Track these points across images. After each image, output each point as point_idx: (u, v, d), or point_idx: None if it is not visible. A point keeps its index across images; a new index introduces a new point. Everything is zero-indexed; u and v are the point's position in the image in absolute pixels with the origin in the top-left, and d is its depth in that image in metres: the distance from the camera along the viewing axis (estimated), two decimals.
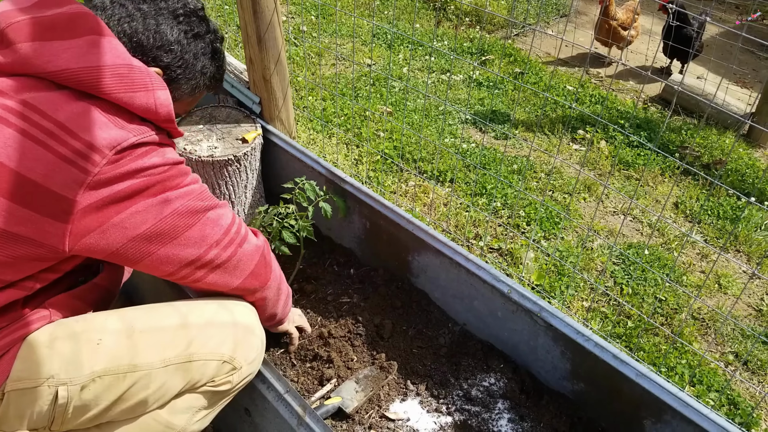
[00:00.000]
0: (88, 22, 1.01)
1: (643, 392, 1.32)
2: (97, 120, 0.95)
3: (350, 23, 4.05)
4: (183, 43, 1.16)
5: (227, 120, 2.01)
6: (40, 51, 0.95)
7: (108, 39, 1.01)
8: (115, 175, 0.96)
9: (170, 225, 1.03)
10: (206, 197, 1.10)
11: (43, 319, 1.04)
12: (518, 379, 1.58)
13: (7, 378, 0.97)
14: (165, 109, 1.05)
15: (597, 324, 2.00)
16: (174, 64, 1.16)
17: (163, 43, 1.13)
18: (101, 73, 0.96)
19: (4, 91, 0.94)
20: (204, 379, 1.13)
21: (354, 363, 1.62)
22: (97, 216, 0.96)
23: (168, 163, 1.03)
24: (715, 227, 2.55)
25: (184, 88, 1.21)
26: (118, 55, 1.01)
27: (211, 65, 1.25)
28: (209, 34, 1.23)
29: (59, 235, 0.95)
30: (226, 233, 1.13)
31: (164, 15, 1.13)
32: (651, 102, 3.65)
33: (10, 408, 0.98)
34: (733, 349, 2.00)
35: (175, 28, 1.14)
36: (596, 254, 2.32)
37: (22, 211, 0.92)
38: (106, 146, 0.94)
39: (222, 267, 1.14)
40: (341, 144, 2.79)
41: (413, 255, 1.76)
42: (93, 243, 0.99)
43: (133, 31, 1.10)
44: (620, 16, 3.85)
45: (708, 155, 3.05)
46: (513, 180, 2.66)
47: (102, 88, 0.97)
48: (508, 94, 3.46)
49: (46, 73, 0.95)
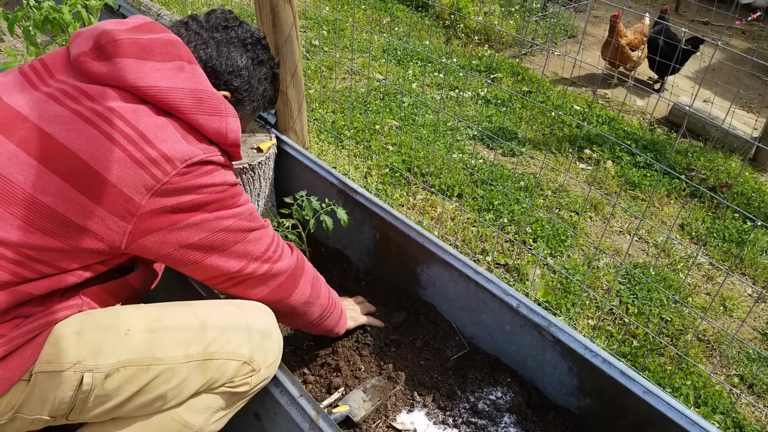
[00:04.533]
0: (179, 50, 1.13)
1: (650, 409, 1.33)
2: (173, 134, 1.05)
3: (362, 39, 4.11)
4: (250, 68, 1.29)
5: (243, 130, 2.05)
6: (134, 68, 1.06)
7: (193, 66, 1.13)
8: (181, 187, 1.04)
9: (220, 240, 1.13)
10: (254, 218, 1.19)
11: (75, 307, 1.08)
12: (525, 393, 1.59)
13: (36, 359, 1.01)
14: (234, 134, 1.14)
15: (602, 342, 2.01)
16: (242, 87, 1.29)
17: (234, 68, 1.26)
18: (183, 95, 1.07)
19: (94, 96, 1.03)
20: (223, 379, 1.15)
21: (362, 372, 1.63)
22: (156, 221, 1.04)
23: (227, 184, 1.12)
24: (721, 249, 2.56)
25: (247, 109, 1.35)
26: (200, 81, 1.12)
27: (270, 89, 1.39)
28: (270, 60, 1.36)
29: (119, 233, 1.03)
30: (266, 251, 1.22)
31: (235, 44, 1.27)
32: (657, 123, 3.69)
33: (36, 390, 1.01)
34: (739, 371, 2.01)
35: (244, 55, 1.28)
36: (602, 273, 2.33)
37: (92, 206, 1.00)
38: (179, 159, 1.03)
39: (254, 279, 1.22)
40: (351, 156, 2.82)
41: (422, 267, 1.78)
42: (147, 245, 1.06)
43: (208, 57, 1.23)
44: (629, 36, 3.89)
45: (714, 178, 3.07)
46: (521, 196, 2.68)
47: (181, 108, 1.07)
48: (516, 112, 3.50)
49: (135, 88, 1.05)
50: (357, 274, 1.99)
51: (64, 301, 1.07)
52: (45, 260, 1.00)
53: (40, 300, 1.04)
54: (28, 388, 1.01)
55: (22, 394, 1.01)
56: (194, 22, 1.26)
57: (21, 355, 1.00)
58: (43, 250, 0.99)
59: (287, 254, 1.30)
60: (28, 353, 1.00)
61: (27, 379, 1.01)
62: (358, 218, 1.91)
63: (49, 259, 1.00)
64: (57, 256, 1.01)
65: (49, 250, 0.99)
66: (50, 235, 0.98)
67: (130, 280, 1.20)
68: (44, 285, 1.02)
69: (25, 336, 1.00)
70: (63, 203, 0.98)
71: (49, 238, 0.98)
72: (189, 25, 1.25)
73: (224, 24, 1.27)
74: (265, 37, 1.35)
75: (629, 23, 4.32)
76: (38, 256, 0.99)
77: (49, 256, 1.00)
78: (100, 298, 1.13)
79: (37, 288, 1.01)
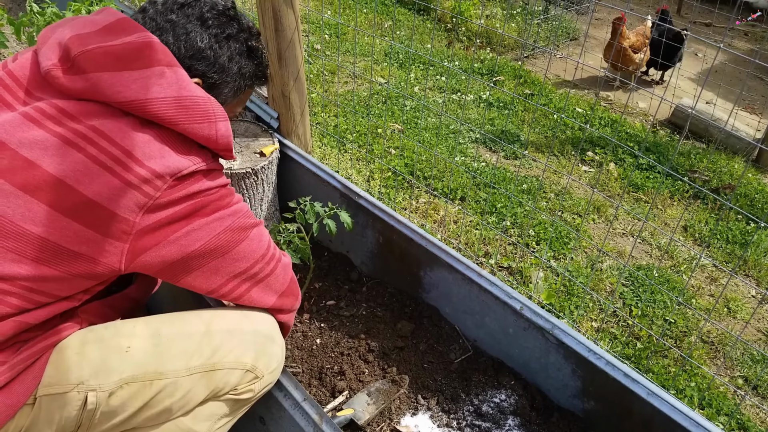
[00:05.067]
0: (157, 53, 1.04)
1: (654, 411, 1.33)
2: (161, 148, 1.00)
3: (364, 42, 4.12)
4: (215, 47, 1.15)
5: (245, 134, 2.06)
6: (111, 81, 0.99)
7: (174, 70, 1.05)
8: (173, 199, 1.01)
9: (223, 241, 1.09)
10: (250, 215, 1.15)
11: (75, 325, 1.07)
12: (528, 396, 1.59)
13: (39, 383, 1.00)
14: (225, 140, 1.09)
15: (606, 345, 2.01)
16: (209, 71, 1.16)
17: (195, 51, 1.13)
18: (167, 105, 1.01)
19: (74, 115, 0.98)
20: (227, 387, 1.15)
21: (366, 376, 1.63)
22: (154, 236, 1.01)
23: (219, 185, 1.08)
24: (725, 251, 2.56)
25: (226, 92, 1.21)
26: (184, 86, 1.04)
27: (249, 64, 1.23)
28: (243, 32, 1.20)
29: (117, 254, 1.00)
30: (268, 249, 1.18)
31: (192, 22, 1.13)
32: (660, 125, 3.69)
33: (41, 413, 1.00)
34: (743, 373, 2.00)
35: (205, 33, 1.14)
36: (605, 275, 2.33)
37: (85, 231, 0.96)
38: (168, 173, 0.99)
39: (264, 281, 1.19)
40: (354, 160, 2.83)
41: (425, 270, 1.79)
42: (149, 261, 1.03)
43: (165, 44, 1.10)
44: (631, 38, 3.90)
45: (717, 180, 3.07)
46: (523, 199, 2.68)
47: (167, 119, 1.01)
48: (518, 115, 3.50)
49: (116, 102, 0.99)
50: (360, 278, 1.99)
51: (63, 322, 1.05)
52: (42, 290, 0.97)
53: (39, 324, 1.02)
54: (33, 411, 1.00)
55: (27, 417, 1.00)
56: (151, 5, 1.15)
57: (23, 381, 0.98)
58: (41, 280, 0.96)
59: (282, 254, 1.27)
60: (30, 377, 0.99)
61: (32, 402, 1.00)
62: (361, 222, 1.92)
63: (47, 289, 0.98)
64: (55, 285, 0.98)
65: (46, 279, 0.97)
66: (47, 265, 0.96)
67: (129, 293, 1.19)
68: (43, 314, 1.00)
69: (26, 361, 0.99)
70: (56, 232, 0.95)
71: (46, 268, 0.96)
72: (146, 10, 1.15)
73: (181, 2, 1.15)
74: (233, 6, 1.21)
75: (631, 25, 4.33)
76: (35, 286, 0.96)
77: (47, 286, 0.97)
78: (100, 313, 1.12)
79: (35, 317, 0.99)
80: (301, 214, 1.75)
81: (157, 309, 1.75)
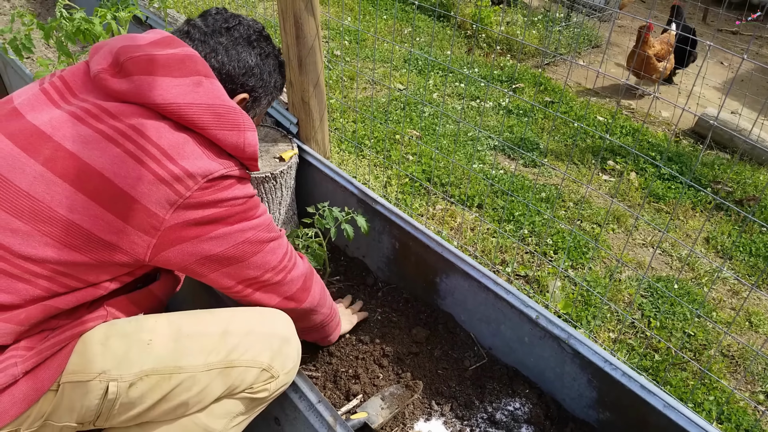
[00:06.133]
0: (196, 64, 1.13)
1: (670, 424, 1.31)
2: (194, 150, 1.07)
3: (383, 49, 4.15)
4: (260, 65, 1.30)
5: (265, 139, 2.09)
6: (153, 84, 1.07)
7: (211, 80, 1.14)
8: (203, 201, 1.07)
9: (241, 251, 1.16)
10: (272, 228, 1.22)
11: (100, 318, 1.12)
12: (543, 405, 1.58)
13: (63, 370, 1.04)
14: (251, 149, 1.16)
15: (623, 356, 1.99)
16: (257, 85, 1.31)
17: (247, 69, 1.27)
18: (202, 110, 1.09)
19: (116, 114, 1.06)
20: (243, 385, 1.17)
21: (380, 380, 1.64)
22: (179, 234, 1.07)
23: (246, 196, 1.15)
24: (747, 264, 2.52)
25: (264, 103, 1.38)
26: (218, 96, 1.13)
27: (280, 78, 1.39)
28: (274, 50, 1.36)
29: (144, 247, 1.06)
30: (281, 261, 1.25)
31: (241, 44, 1.27)
32: (683, 135, 3.64)
33: (64, 399, 1.05)
34: (764, 388, 1.96)
35: (252, 53, 1.28)
36: (624, 286, 2.31)
37: (117, 222, 1.02)
38: (200, 174, 1.06)
39: (269, 287, 1.26)
40: (372, 165, 2.84)
41: (441, 277, 1.79)
42: (171, 257, 1.09)
43: (221, 65, 1.24)
44: (656, 47, 3.86)
45: (741, 191, 3.02)
46: (541, 208, 2.67)
47: (201, 124, 1.09)
48: (538, 123, 3.49)
49: (154, 105, 1.07)
50: (375, 283, 2.00)
51: (89, 313, 1.10)
52: (73, 274, 1.03)
53: (67, 313, 1.07)
54: (56, 397, 1.04)
55: (50, 403, 1.04)
56: (195, 29, 1.25)
57: (49, 367, 1.03)
58: (71, 264, 1.02)
59: (299, 263, 1.33)
60: (55, 364, 1.04)
61: (55, 389, 1.04)
62: (377, 228, 1.93)
63: (76, 273, 1.03)
64: (84, 270, 1.04)
65: (76, 264, 1.02)
66: (77, 251, 1.01)
67: (153, 290, 1.23)
68: (72, 299, 1.05)
69: (53, 348, 1.04)
70: (89, 220, 1.01)
71: (76, 254, 1.01)
72: (191, 33, 1.25)
73: (225, 26, 1.27)
74: (264, 27, 1.35)
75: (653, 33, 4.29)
76: (66, 270, 1.02)
77: (77, 270, 1.03)
78: (125, 308, 1.17)
79: (65, 302, 1.04)
80: (319, 219, 1.77)
81: (176, 307, 1.78)
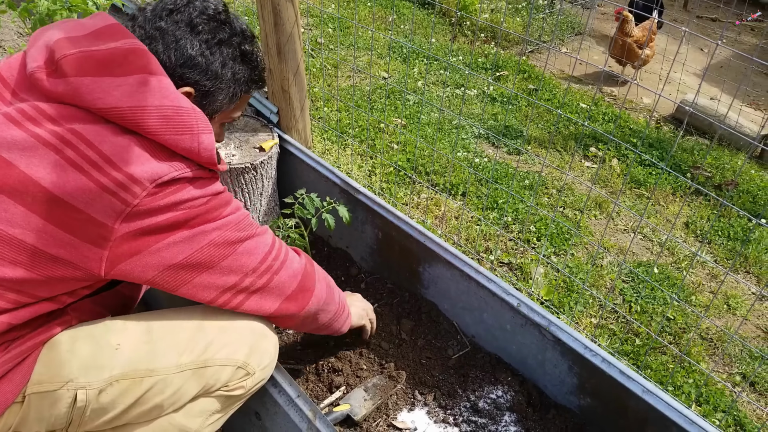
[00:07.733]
0: (141, 60, 1.02)
1: (649, 409, 1.33)
2: (140, 154, 0.98)
3: (367, 36, 4.11)
4: (206, 54, 1.12)
5: (245, 129, 2.06)
6: (92, 87, 0.97)
7: (158, 78, 1.02)
8: (155, 207, 0.98)
9: (207, 255, 1.05)
10: (244, 227, 1.11)
11: (64, 323, 1.06)
12: (525, 392, 1.60)
13: (28, 381, 1.00)
14: (207, 153, 1.04)
15: (605, 341, 2.01)
16: (202, 78, 1.12)
17: (185, 59, 1.10)
18: (148, 113, 0.98)
19: (54, 118, 0.97)
20: (218, 384, 1.15)
21: (363, 371, 1.64)
22: (133, 244, 0.99)
23: (208, 195, 1.04)
24: (725, 248, 2.55)
25: (221, 99, 1.18)
26: (167, 95, 1.01)
27: (243, 69, 1.19)
28: (235, 36, 1.16)
29: (96, 260, 0.98)
30: (263, 261, 1.14)
31: (182, 29, 1.10)
32: (664, 121, 3.67)
33: (31, 411, 1.01)
34: (741, 370, 2.00)
35: (195, 40, 1.10)
36: (606, 271, 2.33)
37: (62, 235, 0.95)
38: (147, 179, 0.97)
39: (259, 293, 1.16)
40: (355, 155, 2.83)
41: (424, 266, 1.79)
42: (129, 269, 1.01)
43: (155, 53, 1.07)
44: (636, 33, 3.87)
45: (719, 176, 3.05)
46: (524, 195, 2.68)
47: (147, 129, 0.98)
48: (521, 110, 3.49)
49: (96, 109, 0.97)
50: (359, 273, 2.00)
51: (52, 320, 1.05)
52: (20, 290, 0.96)
53: (24, 324, 1.01)
54: (22, 409, 1.00)
55: (16, 415, 1.00)
56: (141, 13, 1.12)
57: (11, 380, 0.98)
58: (17, 281, 0.95)
59: (292, 263, 1.21)
60: (18, 376, 0.99)
61: (20, 401, 1.00)
62: (360, 218, 1.92)
63: (25, 289, 0.97)
64: (33, 287, 0.97)
65: (23, 281, 0.95)
66: (23, 267, 0.94)
67: (120, 289, 1.19)
68: (25, 314, 0.99)
69: (14, 359, 0.98)
70: (31, 234, 0.93)
71: (21, 270, 0.94)
72: (136, 18, 1.12)
73: (170, 8, 1.11)
74: (225, 9, 1.16)
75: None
76: (14, 287, 0.95)
77: (25, 287, 0.96)
78: (90, 311, 1.12)
79: (17, 318, 0.98)
80: (299, 208, 1.75)
81: (156, 305, 1.76)
